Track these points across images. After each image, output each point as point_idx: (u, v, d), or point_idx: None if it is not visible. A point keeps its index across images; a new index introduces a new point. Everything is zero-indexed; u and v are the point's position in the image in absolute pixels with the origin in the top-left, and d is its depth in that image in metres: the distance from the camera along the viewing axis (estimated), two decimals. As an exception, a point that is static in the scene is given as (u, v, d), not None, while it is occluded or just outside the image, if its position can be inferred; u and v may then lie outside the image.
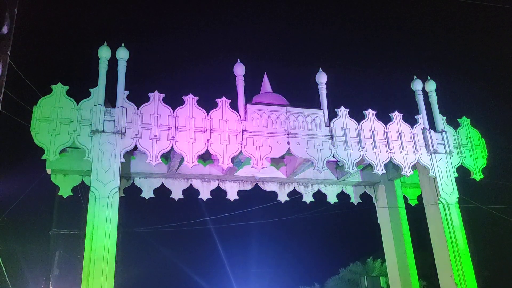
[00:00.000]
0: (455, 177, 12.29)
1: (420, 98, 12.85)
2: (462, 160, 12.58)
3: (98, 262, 9.25)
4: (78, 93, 10.56)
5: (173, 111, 10.90)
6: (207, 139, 10.78)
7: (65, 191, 11.62)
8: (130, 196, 12.46)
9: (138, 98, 10.90)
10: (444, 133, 12.58)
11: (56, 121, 10.03)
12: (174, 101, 11.13)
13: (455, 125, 12.99)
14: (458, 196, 12.12)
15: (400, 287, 13.29)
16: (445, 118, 12.88)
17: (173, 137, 10.58)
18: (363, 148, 11.78)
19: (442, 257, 11.73)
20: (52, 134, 9.94)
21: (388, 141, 12.05)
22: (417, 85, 12.90)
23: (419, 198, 13.68)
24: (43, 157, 9.90)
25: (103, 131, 10.17)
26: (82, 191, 11.75)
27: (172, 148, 10.60)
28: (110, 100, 10.70)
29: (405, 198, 14.37)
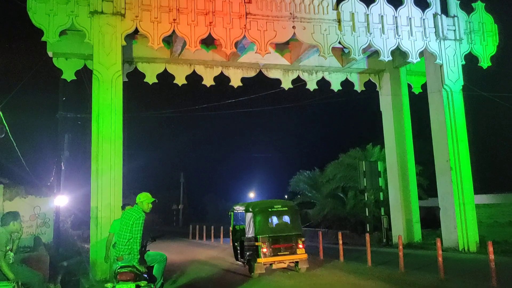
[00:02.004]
0: (462, 65, 12.12)
1: (435, -21, 12.14)
2: (471, 47, 12.28)
3: (105, 143, 9.57)
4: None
5: (174, -9, 10.39)
6: (210, 22, 10.44)
7: (68, 75, 11.59)
8: (133, 81, 12.45)
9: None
10: (456, 18, 12.11)
11: (53, 1, 9.65)
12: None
13: (468, 10, 12.45)
14: (463, 83, 12.07)
15: (397, 172, 13.90)
16: (458, 2, 12.29)
17: (174, 19, 10.23)
18: (370, 33, 11.44)
19: (440, 143, 12.06)
20: (49, 15, 9.63)
21: (397, 27, 11.66)
22: (433, -35, 12.09)
23: (423, 86, 13.64)
24: (43, 39, 9.72)
25: (102, 12, 9.83)
26: (85, 75, 11.70)
27: (173, 32, 10.32)
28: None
29: (409, 86, 14.35)
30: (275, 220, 9.44)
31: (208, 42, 11.91)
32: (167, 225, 39.10)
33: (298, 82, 13.92)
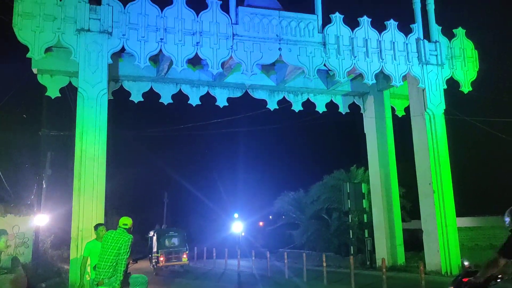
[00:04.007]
0: (444, 89, 12.37)
1: (417, 6, 12.46)
2: (452, 72, 12.57)
3: (89, 161, 9.45)
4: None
5: (162, 11, 10.48)
6: (197, 42, 10.52)
7: (53, 92, 11.47)
8: (119, 99, 12.40)
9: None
10: (437, 43, 12.41)
11: (39, 18, 9.63)
12: (162, 1, 10.67)
13: (449, 36, 12.78)
14: (445, 107, 12.30)
15: (380, 193, 13.98)
16: (440, 28, 12.62)
17: (161, 39, 10.29)
18: (355, 57, 11.63)
19: (423, 166, 12.20)
20: (35, 32, 9.59)
21: (380, 51, 11.89)
22: (415, -7, 12.43)
23: (407, 109, 13.86)
24: (28, 55, 9.65)
25: (88, 30, 9.83)
26: (70, 93, 11.61)
27: (160, 51, 10.36)
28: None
29: (393, 109, 14.55)
30: (168, 240, 16.17)
31: (195, 61, 11.97)
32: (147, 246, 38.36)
33: (284, 103, 14.02)
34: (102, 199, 9.50)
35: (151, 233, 17.20)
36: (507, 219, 3.39)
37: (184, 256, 15.58)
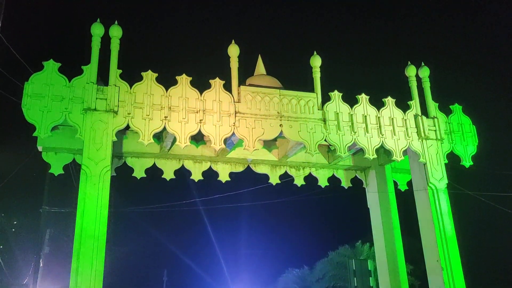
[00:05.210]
0: (445, 163, 12.42)
1: (413, 84, 12.88)
2: (452, 146, 12.69)
3: (89, 240, 9.28)
4: (70, 71, 10.46)
5: (166, 91, 10.83)
6: (200, 120, 10.76)
7: (56, 169, 11.55)
8: (121, 175, 12.45)
9: (131, 77, 10.82)
10: (435, 119, 12.66)
11: (48, 98, 9.95)
12: (167, 81, 11.07)
13: (447, 111, 13.08)
14: (447, 182, 12.27)
15: (387, 271, 13.52)
16: (437, 104, 12.94)
17: (165, 117, 10.54)
18: (355, 132, 11.82)
19: (429, 242, 11.91)
20: (43, 111, 9.86)
21: (380, 126, 12.10)
22: (410, 71, 12.91)
23: (409, 183, 13.81)
24: (34, 134, 9.83)
25: (95, 109, 10.11)
26: (73, 170, 11.71)
27: (164, 128, 10.57)
28: (103, 78, 10.61)
29: (395, 183, 14.51)
30: None
31: (198, 138, 12.17)
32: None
33: (286, 178, 14.03)
34: (100, 280, 9.20)
35: None
36: None
37: None
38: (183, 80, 11.06)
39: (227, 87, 11.36)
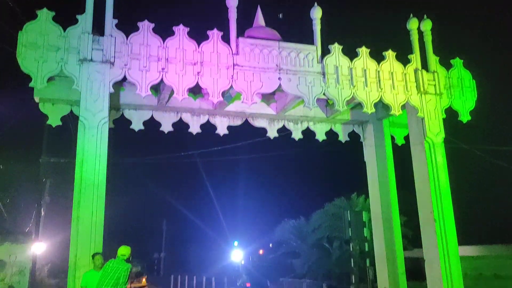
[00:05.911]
0: (443, 118, 12.44)
1: (415, 38, 12.66)
2: (451, 101, 12.66)
3: (88, 188, 9.43)
4: (65, 21, 10.22)
5: (163, 42, 10.65)
6: (198, 72, 10.65)
7: (54, 121, 11.55)
8: (119, 127, 12.46)
9: (127, 27, 10.60)
10: (435, 73, 12.55)
11: (43, 48, 9.78)
12: (164, 32, 10.84)
13: (447, 66, 12.94)
14: (444, 136, 12.34)
15: (381, 222, 13.86)
16: (438, 58, 12.79)
17: (163, 68, 10.42)
18: (354, 86, 11.75)
19: (424, 194, 12.14)
20: (39, 61, 9.72)
21: (379, 80, 12.01)
22: (412, 24, 12.66)
23: (406, 138, 13.89)
24: (31, 85, 9.75)
25: (91, 60, 9.97)
26: (71, 121, 11.70)
27: (162, 80, 10.47)
28: (98, 29, 10.39)
29: (392, 138, 14.58)
30: None
31: (196, 91, 12.07)
32: (147, 274, 37.91)
33: (284, 131, 14.08)
34: (101, 228, 9.42)
35: None
36: None
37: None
38: (181, 31, 10.83)
39: (226, 39, 11.16)
